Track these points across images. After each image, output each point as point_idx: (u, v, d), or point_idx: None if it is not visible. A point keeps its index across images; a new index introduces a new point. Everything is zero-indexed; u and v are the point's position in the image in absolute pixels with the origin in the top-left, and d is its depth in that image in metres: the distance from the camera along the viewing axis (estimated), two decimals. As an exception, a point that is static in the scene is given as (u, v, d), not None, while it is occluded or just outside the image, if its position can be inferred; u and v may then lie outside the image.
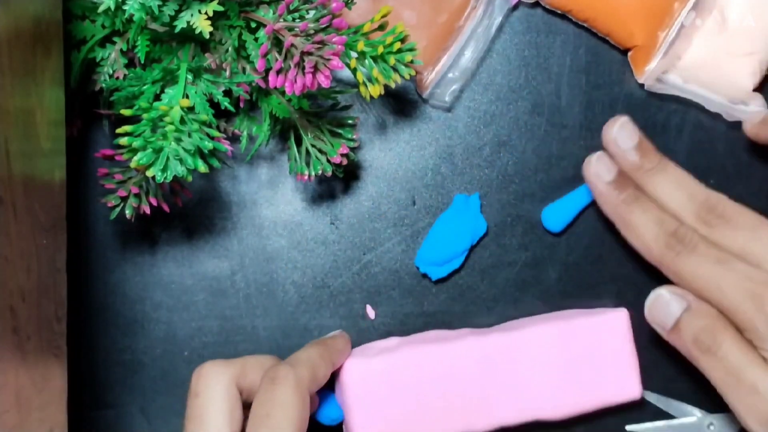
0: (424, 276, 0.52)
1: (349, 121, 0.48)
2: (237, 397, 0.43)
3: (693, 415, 0.51)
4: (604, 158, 0.48)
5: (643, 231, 0.47)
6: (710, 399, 0.50)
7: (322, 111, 0.48)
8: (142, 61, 0.45)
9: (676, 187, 0.47)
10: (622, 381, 0.49)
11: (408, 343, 0.49)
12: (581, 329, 0.49)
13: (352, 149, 0.48)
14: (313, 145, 0.47)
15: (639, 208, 0.47)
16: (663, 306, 0.46)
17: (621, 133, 0.48)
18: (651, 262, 0.47)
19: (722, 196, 0.47)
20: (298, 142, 0.47)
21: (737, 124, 0.51)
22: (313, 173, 0.47)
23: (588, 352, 0.49)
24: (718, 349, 0.43)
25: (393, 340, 0.50)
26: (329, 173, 0.47)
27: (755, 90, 0.50)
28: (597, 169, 0.48)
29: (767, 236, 0.44)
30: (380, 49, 0.43)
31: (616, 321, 0.49)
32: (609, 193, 0.48)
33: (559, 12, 0.51)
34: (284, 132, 0.48)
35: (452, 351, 0.48)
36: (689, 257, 0.45)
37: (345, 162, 0.47)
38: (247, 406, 0.43)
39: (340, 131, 0.47)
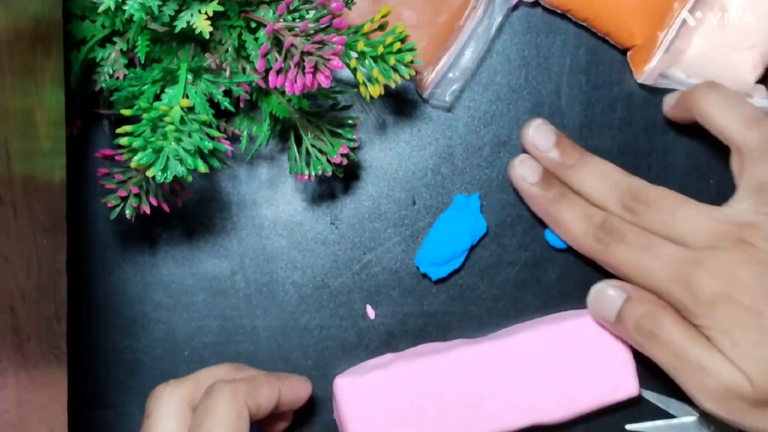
0: (424, 276, 0.52)
1: (349, 121, 0.48)
2: (187, 416, 0.44)
3: (693, 414, 0.51)
4: (528, 161, 0.50)
5: (572, 227, 0.48)
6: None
7: (322, 111, 0.48)
8: (142, 61, 0.45)
9: (599, 179, 0.48)
10: (618, 379, 0.49)
11: (400, 358, 0.49)
12: (573, 331, 0.49)
13: (352, 149, 0.48)
14: (313, 145, 0.47)
15: (566, 204, 0.48)
16: (604, 299, 0.47)
17: (537, 134, 0.50)
18: (586, 256, 0.49)
19: (644, 182, 0.48)
20: (298, 142, 0.47)
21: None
22: (313, 173, 0.47)
23: (583, 353, 0.49)
24: (660, 332, 0.44)
25: (386, 357, 0.50)
26: (329, 173, 0.47)
27: (758, 82, 0.50)
28: (521, 171, 0.50)
29: (687, 214, 0.45)
30: (380, 49, 0.43)
31: None
32: (536, 193, 0.49)
33: (558, 12, 0.51)
34: (284, 132, 0.48)
35: (445, 362, 0.48)
36: (618, 247, 0.46)
37: (345, 162, 0.47)
38: None
39: (340, 131, 0.47)
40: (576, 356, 0.48)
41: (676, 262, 0.44)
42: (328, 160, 0.47)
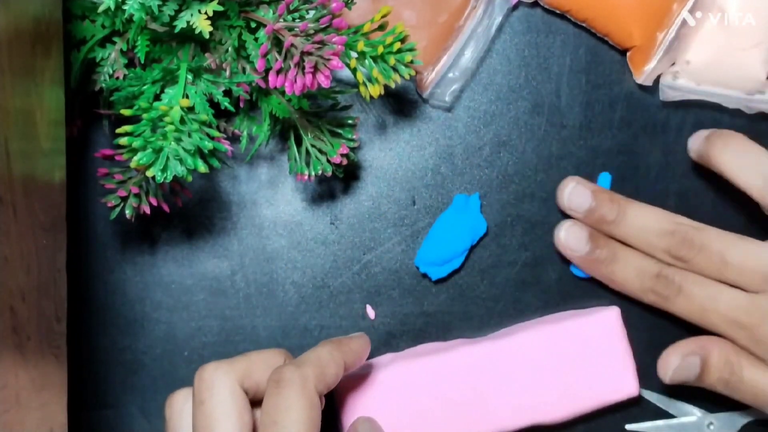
0: (424, 276, 0.52)
1: (349, 121, 0.48)
2: (244, 400, 0.41)
3: (693, 414, 0.51)
4: (571, 229, 0.50)
5: (629, 286, 0.49)
6: (710, 399, 0.50)
7: (322, 111, 0.48)
8: (142, 61, 0.45)
9: (643, 231, 0.48)
10: (618, 379, 0.49)
11: (401, 358, 0.49)
12: (574, 330, 0.49)
13: (352, 149, 0.48)
14: (313, 145, 0.47)
15: (617, 265, 0.49)
16: (686, 368, 0.48)
17: (573, 197, 0.50)
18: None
19: (688, 224, 0.48)
20: (298, 142, 0.47)
21: (737, 124, 0.51)
22: (313, 173, 0.47)
23: (582, 353, 0.49)
24: (740, 380, 0.47)
25: (386, 357, 0.50)
26: (329, 173, 0.47)
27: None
28: (567, 243, 0.50)
29: (737, 257, 0.46)
30: (380, 49, 0.43)
31: (608, 319, 0.49)
32: (586, 260, 0.50)
33: (558, 12, 0.51)
34: (284, 132, 0.48)
35: (445, 362, 0.48)
36: (677, 299, 0.48)
37: (345, 162, 0.47)
38: (255, 404, 0.42)
39: (340, 131, 0.47)
40: (576, 356, 0.48)
41: (736, 311, 0.46)
42: (328, 160, 0.47)
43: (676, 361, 0.47)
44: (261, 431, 0.40)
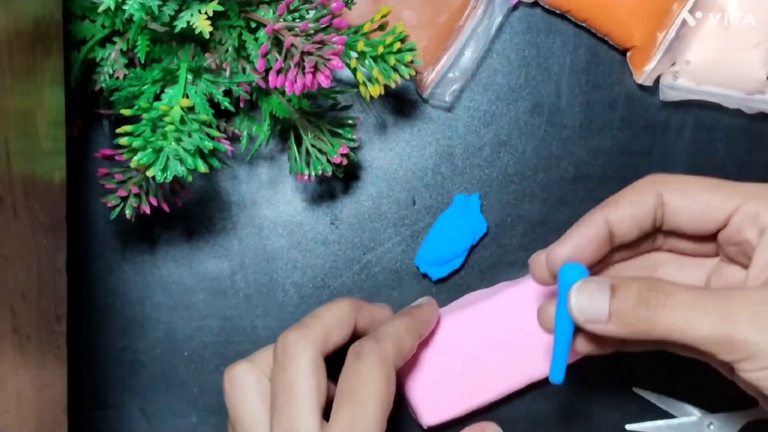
0: (424, 276, 0.51)
1: (349, 121, 0.48)
2: (323, 367, 0.42)
3: (693, 414, 0.51)
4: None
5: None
6: (710, 399, 0.51)
7: (322, 111, 0.48)
8: (142, 61, 0.45)
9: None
10: None
11: (447, 312, 0.49)
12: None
13: (352, 149, 0.48)
14: (313, 145, 0.47)
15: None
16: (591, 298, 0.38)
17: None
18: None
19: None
20: (298, 142, 0.47)
21: (737, 124, 0.52)
22: (313, 173, 0.47)
23: None
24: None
25: None
26: (329, 173, 0.47)
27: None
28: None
29: None
30: (380, 49, 0.43)
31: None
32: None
33: (558, 12, 0.51)
34: (284, 132, 0.48)
35: (491, 308, 0.48)
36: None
37: (345, 162, 0.47)
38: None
39: (340, 131, 0.47)
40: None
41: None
42: (328, 160, 0.47)
43: (580, 283, 0.39)
44: (337, 398, 0.41)
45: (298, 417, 0.41)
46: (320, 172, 0.47)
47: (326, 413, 0.42)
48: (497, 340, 0.48)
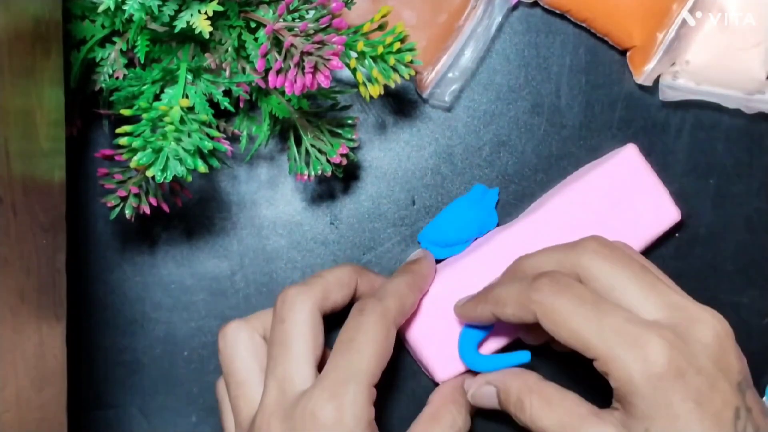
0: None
1: (349, 121, 0.48)
2: (320, 322, 0.44)
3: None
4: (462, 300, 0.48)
5: (506, 294, 0.44)
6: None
7: (322, 111, 0.48)
8: (142, 61, 0.45)
9: (537, 255, 0.46)
10: (658, 210, 0.49)
11: (444, 266, 0.49)
12: (599, 180, 0.49)
13: (352, 149, 0.48)
14: (312, 145, 0.47)
15: (498, 285, 0.45)
16: (484, 396, 0.47)
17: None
18: (528, 322, 0.43)
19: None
20: (298, 142, 0.47)
21: (737, 124, 0.52)
22: (312, 173, 0.47)
23: (615, 198, 0.49)
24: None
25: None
26: (329, 173, 0.47)
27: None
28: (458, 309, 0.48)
29: (647, 281, 0.41)
30: (380, 49, 0.43)
31: (628, 157, 0.49)
32: (470, 303, 0.47)
33: (558, 12, 0.51)
34: (284, 132, 0.48)
35: (488, 254, 0.48)
36: (562, 297, 0.41)
37: (345, 162, 0.47)
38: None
39: (339, 131, 0.47)
40: (610, 203, 0.48)
41: (631, 324, 0.40)
42: (328, 160, 0.47)
43: (473, 388, 0.47)
44: (336, 347, 0.43)
45: (292, 365, 0.43)
46: (320, 172, 0.47)
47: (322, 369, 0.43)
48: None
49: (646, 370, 0.39)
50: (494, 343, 0.49)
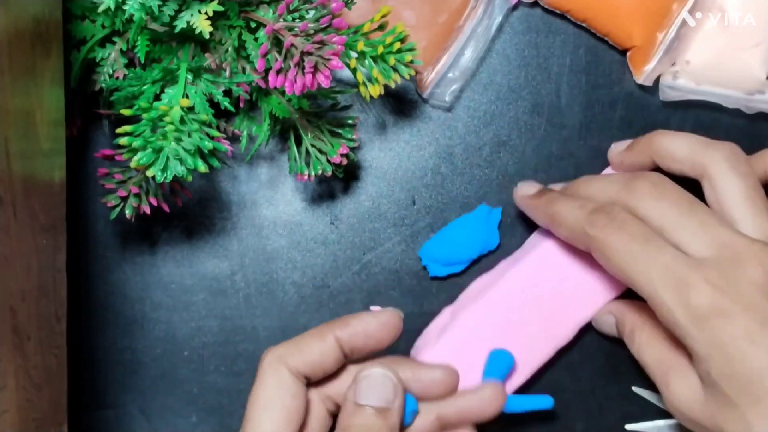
0: (424, 268, 0.51)
1: (349, 121, 0.48)
2: (291, 386, 0.42)
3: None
4: (526, 182, 0.49)
5: (565, 216, 0.45)
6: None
7: (322, 111, 0.48)
8: (142, 61, 0.45)
9: (598, 181, 0.47)
10: None
11: (460, 308, 0.49)
12: None
13: (352, 149, 0.48)
14: (312, 145, 0.47)
15: (561, 200, 0.46)
16: (604, 323, 0.48)
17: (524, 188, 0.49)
18: (581, 248, 0.45)
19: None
20: (298, 142, 0.47)
21: (737, 124, 0.52)
22: (312, 173, 0.47)
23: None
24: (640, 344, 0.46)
25: (445, 313, 0.50)
26: (329, 173, 0.47)
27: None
28: (522, 190, 0.49)
29: (696, 219, 0.42)
30: (380, 49, 0.43)
31: None
32: (535, 201, 0.48)
33: (558, 12, 0.51)
34: (284, 132, 0.49)
35: (502, 292, 0.48)
36: (614, 234, 0.42)
37: (345, 162, 0.47)
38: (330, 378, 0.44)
39: (340, 131, 0.47)
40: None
41: (678, 271, 0.40)
42: (328, 160, 0.47)
43: (597, 315, 0.48)
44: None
45: None
46: (320, 172, 0.47)
47: None
48: (518, 319, 0.48)
49: (689, 312, 0.39)
50: (519, 377, 0.48)
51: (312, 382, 0.43)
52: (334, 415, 0.45)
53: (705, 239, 0.41)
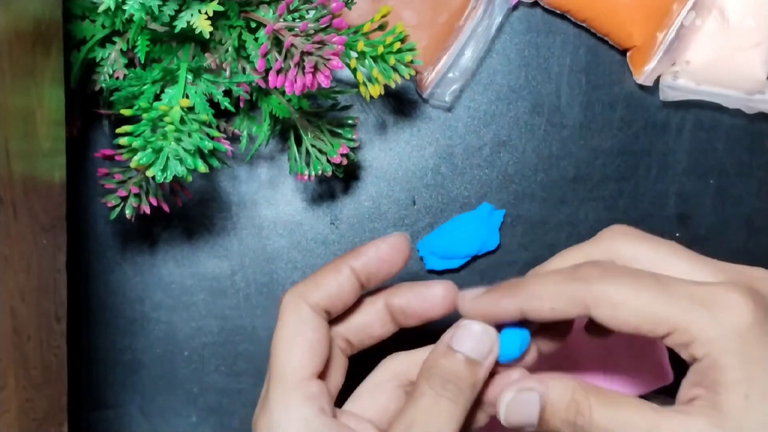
0: (421, 259, 0.51)
1: (349, 121, 0.48)
2: (311, 321, 0.40)
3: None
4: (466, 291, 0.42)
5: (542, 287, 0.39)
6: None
7: (322, 111, 0.48)
8: (142, 61, 0.45)
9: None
10: (652, 368, 0.48)
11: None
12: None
13: (352, 149, 0.48)
14: (313, 145, 0.47)
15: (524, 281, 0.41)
16: (523, 404, 0.39)
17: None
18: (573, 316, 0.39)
19: None
20: (298, 142, 0.47)
21: (737, 124, 0.52)
22: (313, 173, 0.47)
23: (614, 345, 0.48)
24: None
25: None
26: (329, 173, 0.47)
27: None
28: (466, 296, 0.42)
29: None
30: (380, 49, 0.43)
31: None
32: (492, 295, 0.42)
33: (558, 12, 0.51)
34: (284, 132, 0.49)
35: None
36: (610, 281, 0.37)
37: (345, 162, 0.47)
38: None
39: (340, 131, 0.47)
40: (607, 348, 0.48)
41: (697, 288, 0.36)
42: (328, 160, 0.47)
43: (510, 395, 0.39)
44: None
45: (274, 370, 0.40)
46: (320, 172, 0.47)
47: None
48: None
49: (733, 326, 0.35)
50: None
51: (332, 319, 0.42)
52: (349, 357, 0.44)
53: (707, 269, 0.38)
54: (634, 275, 0.37)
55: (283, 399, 0.39)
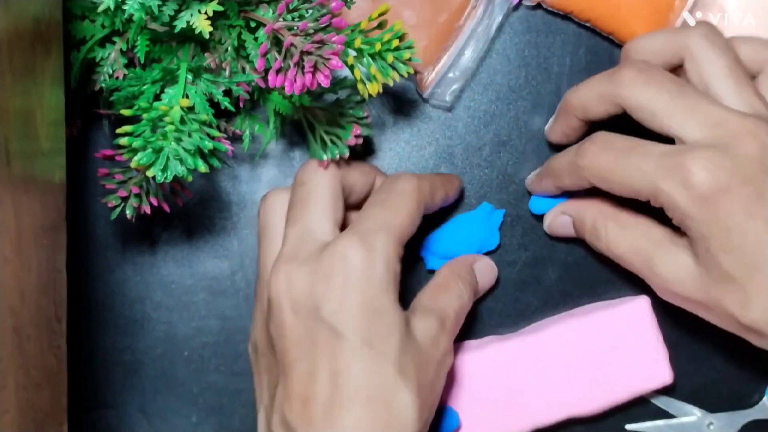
0: (421, 259, 0.51)
1: (356, 99, 0.47)
2: (340, 189, 0.44)
3: (693, 414, 0.51)
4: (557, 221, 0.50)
5: (559, 165, 0.47)
6: (710, 399, 0.50)
7: (325, 107, 0.47)
8: (142, 61, 0.45)
9: (585, 85, 0.47)
10: (652, 368, 0.49)
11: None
12: (605, 322, 0.49)
13: (366, 126, 0.47)
14: (326, 132, 0.46)
15: (555, 157, 0.48)
16: (562, 224, 0.49)
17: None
18: (586, 186, 0.46)
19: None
20: (311, 130, 0.47)
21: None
22: (329, 157, 0.46)
23: (614, 343, 0.48)
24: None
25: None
26: (346, 155, 0.46)
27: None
28: (530, 178, 0.51)
29: (686, 101, 0.43)
30: (377, 46, 0.43)
31: (638, 308, 0.49)
32: (540, 174, 0.50)
33: (560, 13, 0.51)
34: (294, 126, 0.48)
35: (477, 361, 0.48)
36: (602, 153, 0.44)
37: (361, 141, 0.46)
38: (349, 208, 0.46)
39: (350, 112, 0.46)
40: (608, 347, 0.48)
41: (667, 156, 0.41)
42: (345, 144, 0.46)
43: (551, 216, 0.49)
44: (367, 204, 0.44)
45: (312, 219, 0.43)
46: (337, 156, 0.46)
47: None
48: (479, 395, 0.48)
49: (690, 194, 0.40)
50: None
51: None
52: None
53: (697, 121, 0.41)
54: (618, 149, 0.43)
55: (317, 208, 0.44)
